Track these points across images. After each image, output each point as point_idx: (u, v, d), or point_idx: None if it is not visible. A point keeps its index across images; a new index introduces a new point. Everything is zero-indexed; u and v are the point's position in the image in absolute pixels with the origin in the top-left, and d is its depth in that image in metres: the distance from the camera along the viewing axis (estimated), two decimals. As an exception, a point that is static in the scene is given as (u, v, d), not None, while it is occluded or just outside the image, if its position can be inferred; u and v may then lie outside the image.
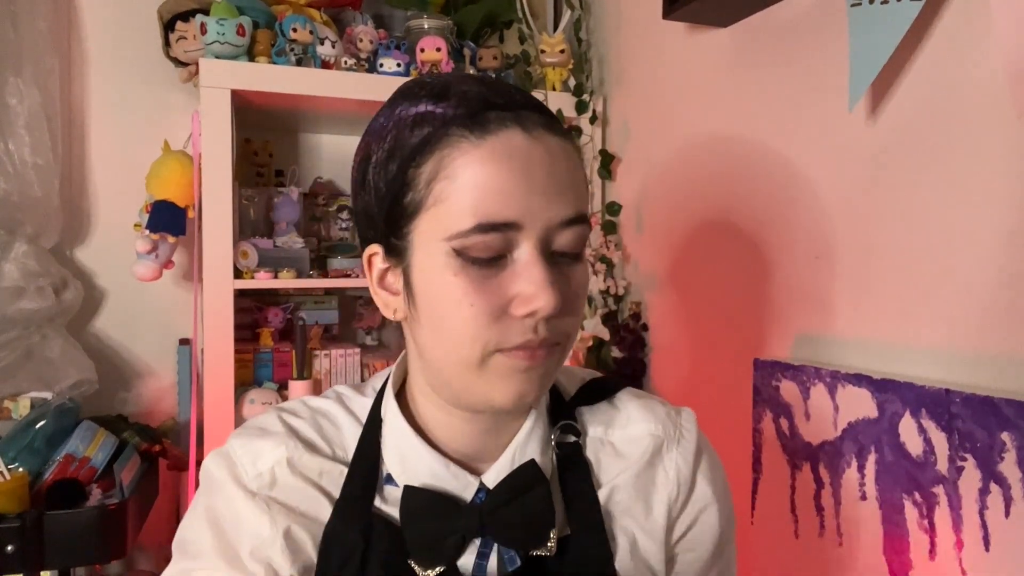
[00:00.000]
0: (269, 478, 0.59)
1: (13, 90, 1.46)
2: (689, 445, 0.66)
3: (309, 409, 0.64)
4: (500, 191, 0.51)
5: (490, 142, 0.51)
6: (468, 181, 0.51)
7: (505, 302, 0.52)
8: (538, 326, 0.52)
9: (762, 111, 1.17)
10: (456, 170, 0.51)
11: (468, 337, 0.52)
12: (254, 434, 0.61)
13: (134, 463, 1.36)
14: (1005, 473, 0.75)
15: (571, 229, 0.53)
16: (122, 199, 1.62)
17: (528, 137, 0.52)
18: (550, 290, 0.51)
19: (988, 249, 0.82)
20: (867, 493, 0.92)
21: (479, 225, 0.50)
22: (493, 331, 0.52)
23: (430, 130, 0.53)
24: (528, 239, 0.52)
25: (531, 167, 0.51)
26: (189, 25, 1.50)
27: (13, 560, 1.14)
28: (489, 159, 0.51)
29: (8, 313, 1.44)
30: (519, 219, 0.51)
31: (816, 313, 1.06)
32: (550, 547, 0.57)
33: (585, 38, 1.68)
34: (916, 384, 0.85)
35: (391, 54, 1.52)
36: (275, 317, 1.64)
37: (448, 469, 0.58)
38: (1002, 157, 0.80)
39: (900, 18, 0.85)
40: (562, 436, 0.63)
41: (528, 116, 0.53)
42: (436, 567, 0.56)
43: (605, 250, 1.56)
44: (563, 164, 0.53)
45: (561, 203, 0.52)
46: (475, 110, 0.52)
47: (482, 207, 0.51)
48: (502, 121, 0.52)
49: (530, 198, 0.51)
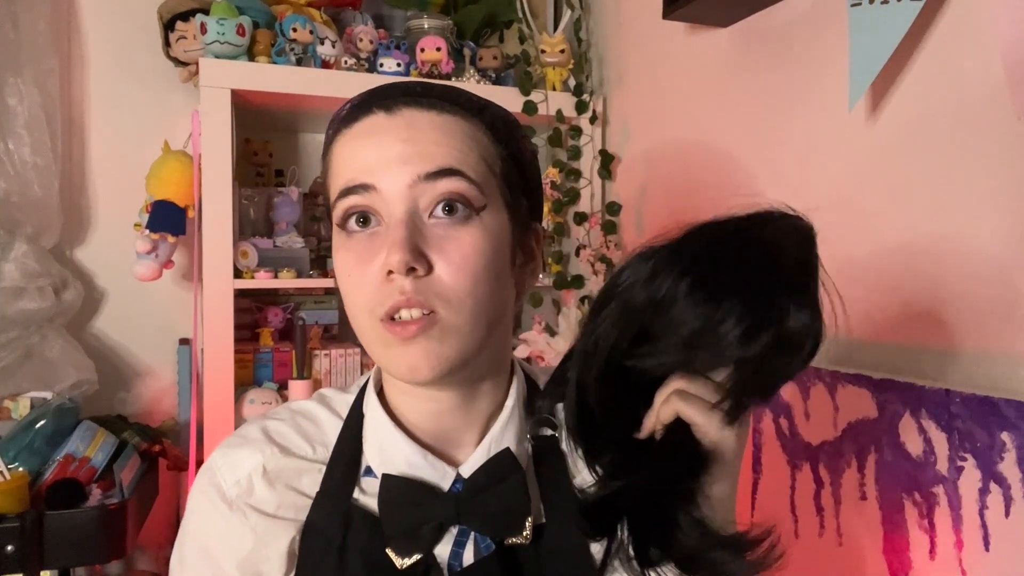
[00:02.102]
0: (247, 485, 0.60)
1: (13, 90, 1.46)
2: None
3: (290, 411, 0.66)
4: (357, 162, 0.56)
5: (354, 128, 0.57)
6: (337, 163, 0.58)
7: (377, 268, 0.54)
8: (404, 286, 0.53)
9: (762, 111, 1.17)
10: (332, 158, 0.59)
11: (357, 307, 0.56)
12: (234, 443, 0.63)
13: (134, 463, 1.36)
14: (1005, 473, 0.75)
15: (436, 184, 0.54)
16: (122, 199, 1.62)
17: (388, 116, 0.56)
18: (400, 247, 0.52)
19: (988, 249, 0.82)
20: (867, 493, 0.92)
21: (340, 191, 0.56)
22: (375, 299, 0.54)
23: (329, 132, 0.61)
24: (393, 203, 0.54)
25: (387, 138, 0.55)
26: (189, 25, 1.50)
27: (13, 560, 1.14)
28: (350, 140, 0.57)
29: (8, 313, 1.44)
30: (373, 182, 0.55)
31: (816, 313, 1.06)
32: (525, 535, 0.59)
33: (585, 38, 1.68)
34: (916, 384, 0.85)
35: (391, 54, 1.52)
36: (275, 317, 1.64)
37: (426, 459, 0.59)
38: (1002, 157, 0.80)
39: (900, 18, 0.85)
40: (538, 429, 0.64)
41: (397, 100, 0.57)
42: (413, 555, 0.57)
43: (605, 250, 1.56)
44: (427, 131, 0.56)
45: (419, 161, 0.54)
46: (353, 108, 0.58)
47: (343, 177, 0.56)
48: (367, 109, 0.57)
49: (384, 163, 0.55)
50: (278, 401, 1.47)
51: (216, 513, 0.60)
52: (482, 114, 0.60)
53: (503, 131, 0.61)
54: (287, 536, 0.59)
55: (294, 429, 0.63)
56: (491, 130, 0.60)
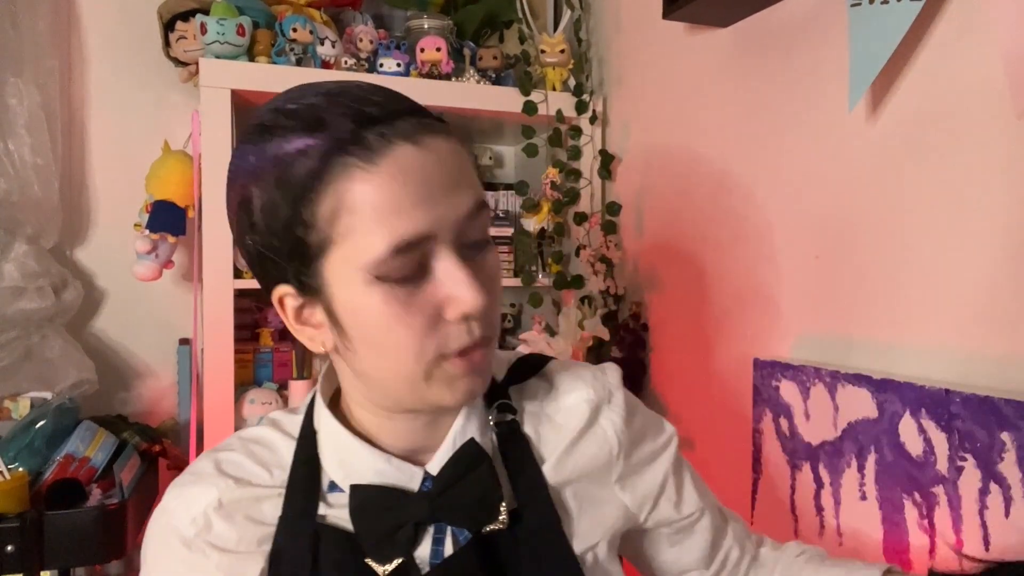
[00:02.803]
0: (203, 522, 0.58)
1: (13, 90, 1.46)
2: (618, 400, 0.69)
3: (241, 440, 0.64)
4: (406, 210, 0.50)
5: (382, 165, 0.50)
6: (372, 210, 0.50)
7: (437, 311, 0.53)
8: (472, 327, 0.53)
9: (762, 111, 1.17)
10: (356, 202, 0.50)
11: (411, 356, 0.53)
12: (185, 481, 0.61)
13: (134, 463, 1.36)
14: (1005, 473, 0.75)
15: (476, 218, 0.54)
16: (122, 199, 1.62)
17: (417, 148, 0.51)
18: (475, 288, 0.52)
19: (988, 249, 0.82)
20: (867, 493, 0.92)
21: (395, 248, 0.50)
22: (432, 342, 0.53)
23: (315, 164, 0.51)
24: (442, 244, 0.52)
25: (428, 178, 0.51)
26: (189, 25, 1.50)
27: (13, 560, 1.14)
28: (386, 183, 0.50)
29: (8, 313, 1.44)
30: (430, 230, 0.51)
31: (816, 313, 1.06)
32: (502, 520, 0.59)
33: (585, 38, 1.68)
34: (916, 384, 0.85)
35: (391, 54, 1.52)
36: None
37: (390, 463, 0.59)
38: (1002, 157, 0.80)
39: (900, 18, 0.85)
40: (499, 416, 0.64)
41: (408, 124, 0.52)
42: (393, 560, 0.56)
43: (605, 250, 1.56)
44: (453, 161, 0.54)
45: (461, 199, 0.53)
46: (355, 133, 0.51)
47: (393, 231, 0.50)
48: (386, 139, 0.51)
49: (435, 207, 0.51)
50: (278, 401, 1.47)
51: (175, 558, 0.58)
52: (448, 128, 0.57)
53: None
54: (255, 568, 0.58)
55: (247, 456, 0.61)
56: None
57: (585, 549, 0.64)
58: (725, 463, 1.24)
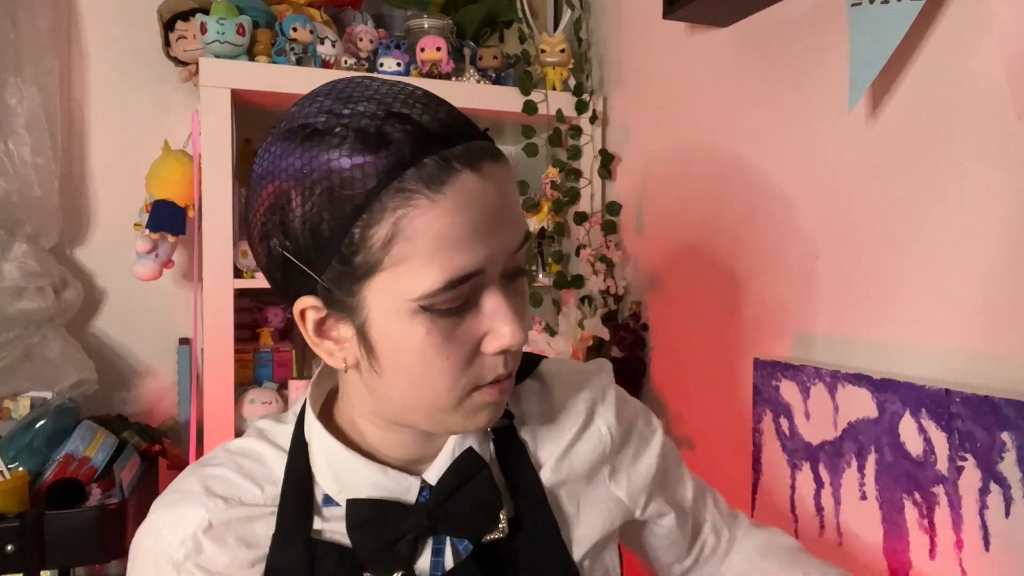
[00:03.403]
0: (193, 545, 0.56)
1: (13, 90, 1.46)
2: (611, 398, 0.69)
3: (228, 454, 0.62)
4: (464, 244, 0.49)
5: (447, 195, 0.48)
6: (430, 240, 0.48)
7: (476, 344, 0.52)
8: (508, 359, 0.53)
9: (762, 111, 1.17)
10: (416, 230, 0.48)
11: (445, 387, 0.52)
12: (173, 501, 0.58)
13: (134, 463, 1.36)
14: (1005, 473, 0.75)
15: (519, 252, 0.54)
16: (122, 199, 1.62)
17: (480, 178, 0.49)
18: (517, 325, 0.51)
19: (988, 249, 0.82)
20: (867, 493, 0.92)
21: (448, 282, 0.49)
22: (468, 375, 0.52)
23: (375, 184, 0.48)
24: (490, 278, 0.52)
25: (487, 209, 0.50)
26: (189, 24, 1.50)
27: (13, 560, 1.14)
28: (448, 213, 0.48)
29: (8, 313, 1.44)
30: (483, 266, 0.50)
31: (816, 313, 1.06)
32: (502, 528, 0.58)
33: (585, 38, 1.68)
34: (916, 384, 0.85)
35: (391, 54, 1.52)
36: (275, 317, 1.64)
37: (387, 475, 0.58)
38: (1002, 157, 0.80)
39: (900, 18, 0.85)
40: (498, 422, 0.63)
41: (473, 150, 0.50)
42: (393, 574, 0.55)
43: (605, 250, 1.56)
44: (509, 190, 0.52)
45: (513, 232, 0.52)
46: (422, 156, 0.48)
47: (448, 264, 0.48)
48: (452, 167, 0.48)
49: (491, 241, 0.50)
50: (278, 401, 1.47)
51: None
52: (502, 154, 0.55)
53: None
54: None
55: (236, 472, 0.59)
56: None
57: (584, 554, 0.64)
58: (725, 463, 1.24)
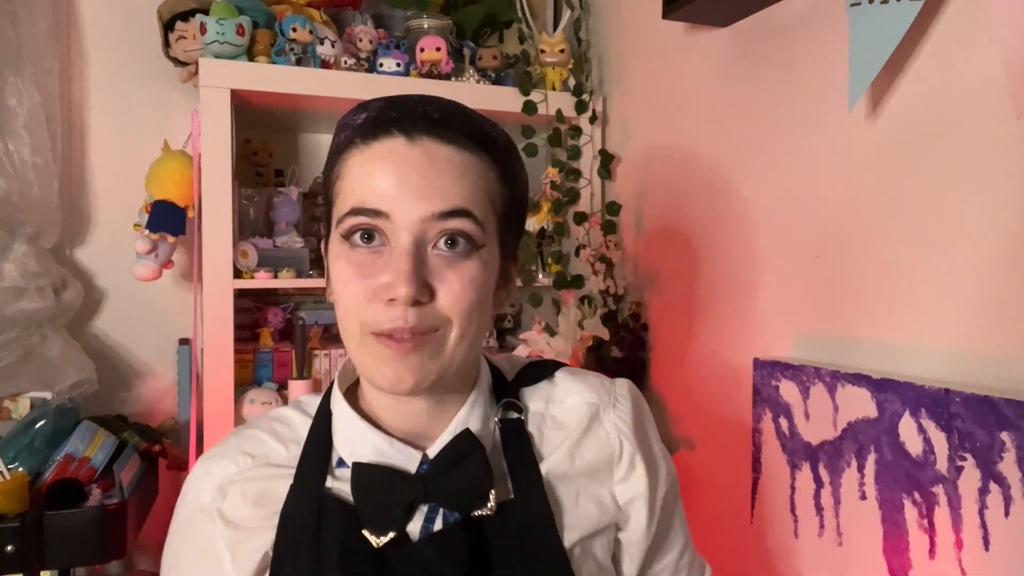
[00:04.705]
0: (219, 493, 0.65)
1: (13, 90, 1.46)
2: (625, 406, 0.72)
3: (267, 419, 0.71)
4: (373, 185, 0.58)
5: (373, 147, 0.59)
6: (352, 178, 0.60)
7: (376, 287, 0.58)
8: (406, 314, 0.57)
9: (762, 110, 1.17)
10: (346, 171, 0.61)
11: (349, 315, 0.60)
12: (212, 454, 0.68)
13: (134, 463, 1.36)
14: (1004, 473, 0.75)
15: (446, 222, 0.58)
16: (122, 199, 1.62)
17: (408, 142, 0.59)
18: (408, 279, 0.56)
19: (987, 249, 0.82)
20: (867, 493, 0.92)
21: (352, 209, 0.59)
22: (367, 311, 0.58)
23: (341, 138, 0.62)
24: (401, 231, 0.58)
25: (405, 168, 0.58)
26: (189, 25, 1.50)
27: (13, 560, 1.14)
28: (369, 160, 0.59)
29: (8, 313, 1.44)
30: (387, 210, 0.58)
31: (816, 313, 1.06)
32: (490, 507, 0.63)
33: (585, 38, 1.68)
34: (916, 384, 0.85)
35: (391, 54, 1.52)
36: (275, 317, 1.64)
37: (392, 446, 0.64)
38: (1002, 157, 0.80)
39: (900, 18, 0.85)
40: (505, 413, 0.69)
41: (418, 126, 0.59)
42: (387, 534, 0.61)
43: (605, 250, 1.56)
44: (444, 167, 0.59)
45: (433, 199, 0.58)
46: (372, 121, 0.60)
47: (357, 196, 0.59)
48: (388, 130, 0.59)
49: (400, 193, 0.58)
50: (278, 401, 1.47)
51: (191, 523, 0.66)
52: (493, 151, 0.63)
53: (510, 169, 0.65)
54: (262, 540, 0.63)
55: (269, 433, 0.68)
56: (500, 169, 0.63)
57: (575, 541, 0.66)
58: (725, 463, 1.24)
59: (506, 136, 0.66)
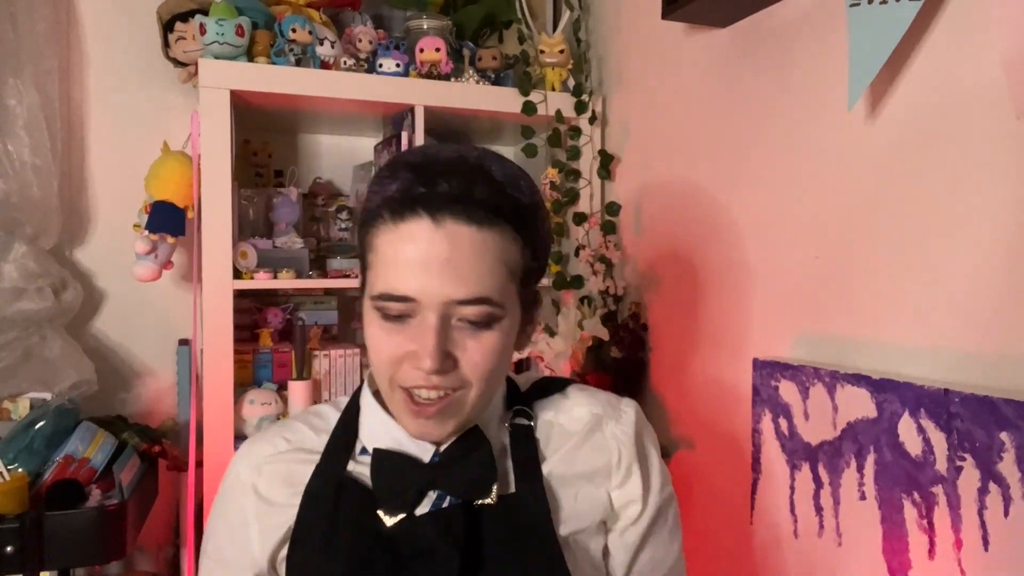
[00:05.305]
0: (257, 470, 0.73)
1: (12, 91, 1.46)
2: (628, 419, 0.77)
3: (306, 413, 0.80)
4: (400, 270, 0.63)
5: (401, 228, 0.64)
6: (382, 257, 0.65)
7: (404, 353, 0.65)
8: (430, 377, 0.64)
9: (761, 110, 1.17)
10: (378, 246, 0.66)
11: (380, 371, 0.67)
12: (254, 439, 0.77)
13: (133, 464, 1.36)
14: (1004, 473, 0.75)
15: (466, 308, 0.64)
16: (121, 199, 1.62)
17: (433, 226, 0.63)
18: (432, 355, 0.62)
19: (987, 249, 0.82)
20: (866, 493, 0.92)
21: (383, 294, 0.64)
22: (396, 370, 0.66)
23: (372, 205, 0.67)
24: (427, 309, 0.63)
25: (430, 252, 0.62)
26: (188, 25, 1.50)
27: (12, 561, 1.14)
28: (397, 241, 0.64)
29: (8, 314, 1.44)
30: (414, 295, 0.63)
31: (816, 313, 1.06)
32: (492, 498, 0.69)
33: (584, 38, 1.68)
34: (915, 384, 0.85)
35: (390, 54, 1.52)
36: (274, 317, 1.64)
37: (409, 438, 0.70)
38: (1001, 157, 0.80)
39: (899, 18, 0.86)
40: (515, 420, 0.75)
41: (443, 207, 0.63)
42: (398, 515, 0.68)
43: (604, 250, 1.56)
44: (466, 251, 0.63)
45: (456, 285, 0.63)
46: (400, 195, 0.64)
47: (387, 280, 0.64)
48: (415, 210, 0.63)
49: (425, 279, 0.62)
50: (277, 402, 1.48)
51: (232, 494, 0.73)
52: (517, 219, 0.66)
53: (533, 233, 0.68)
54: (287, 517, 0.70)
55: (305, 424, 0.77)
56: (523, 237, 0.67)
57: (570, 532, 0.72)
58: (724, 463, 1.24)
59: (532, 192, 0.69)
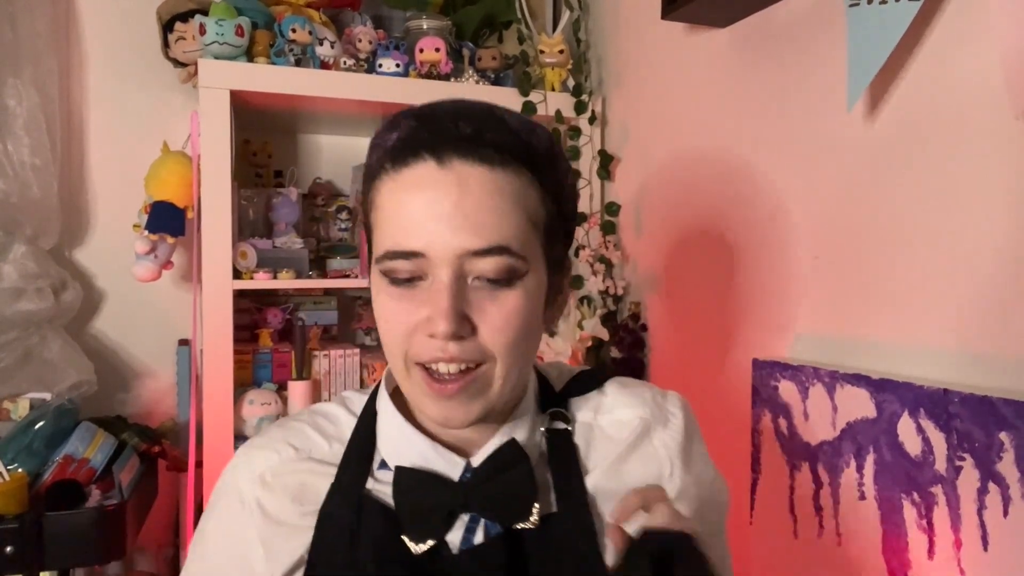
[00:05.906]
0: (260, 482, 0.63)
1: (12, 91, 1.46)
2: (677, 424, 0.70)
3: (310, 412, 0.69)
4: (405, 222, 0.56)
5: (403, 174, 0.56)
6: (385, 211, 0.58)
7: (417, 321, 0.56)
8: (447, 346, 0.55)
9: (760, 111, 1.17)
10: (379, 200, 0.58)
11: (393, 347, 0.59)
12: (256, 443, 0.67)
13: (133, 464, 1.36)
14: (1003, 473, 0.75)
15: (483, 259, 0.55)
16: (121, 200, 1.62)
17: (439, 167, 0.55)
18: (448, 316, 0.54)
19: (987, 248, 0.82)
20: (866, 493, 0.92)
21: (387, 253, 0.56)
22: (409, 344, 0.57)
23: (373, 160, 0.60)
24: (439, 266, 0.55)
25: (437, 195, 0.55)
26: (188, 26, 1.50)
27: (12, 561, 1.14)
28: (399, 190, 0.56)
29: (7, 314, 1.44)
30: (423, 248, 0.55)
31: (815, 313, 1.06)
32: (533, 521, 0.60)
33: (584, 38, 1.68)
34: (915, 384, 0.85)
35: (390, 55, 1.52)
36: (274, 318, 1.64)
37: (436, 451, 0.62)
38: (1000, 157, 0.80)
39: (898, 18, 0.86)
40: (552, 423, 0.66)
41: (448, 146, 0.55)
42: (426, 541, 0.59)
43: (604, 250, 1.56)
44: (478, 193, 0.55)
45: (468, 234, 0.55)
46: (401, 143, 0.57)
47: (391, 236, 0.56)
48: (417, 153, 0.56)
49: (433, 228, 0.55)
50: (277, 402, 1.47)
51: (228, 510, 0.64)
52: (533, 163, 0.58)
53: (552, 180, 0.61)
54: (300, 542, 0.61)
55: (313, 428, 0.66)
56: (541, 183, 0.59)
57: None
58: (724, 463, 1.23)
59: (547, 139, 0.62)
